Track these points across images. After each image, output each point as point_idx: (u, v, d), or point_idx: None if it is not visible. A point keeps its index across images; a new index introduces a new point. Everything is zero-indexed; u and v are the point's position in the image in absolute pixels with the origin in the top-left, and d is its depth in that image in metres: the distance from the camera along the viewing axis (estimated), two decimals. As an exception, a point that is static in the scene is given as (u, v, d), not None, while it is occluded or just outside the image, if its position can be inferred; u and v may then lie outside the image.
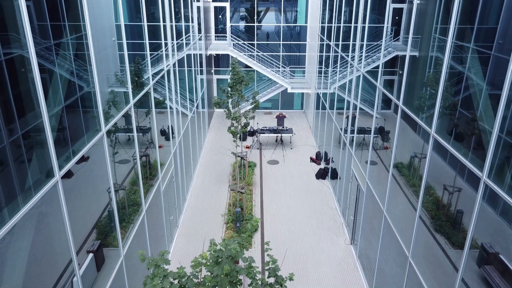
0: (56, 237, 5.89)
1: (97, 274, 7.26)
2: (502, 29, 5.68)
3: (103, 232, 7.66)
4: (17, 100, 4.96)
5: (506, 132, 5.30)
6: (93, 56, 6.79)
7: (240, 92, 14.31)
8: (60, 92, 5.96)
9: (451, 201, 7.08)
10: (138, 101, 9.52)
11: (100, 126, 7.16)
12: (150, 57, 10.61)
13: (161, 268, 4.68)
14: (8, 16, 4.79)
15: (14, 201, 4.76)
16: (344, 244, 13.38)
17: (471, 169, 6.02)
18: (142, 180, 9.72)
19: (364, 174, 11.77)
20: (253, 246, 13.12)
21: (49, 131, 5.28)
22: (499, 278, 5.56)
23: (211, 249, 4.48)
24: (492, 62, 5.87)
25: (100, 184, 7.58)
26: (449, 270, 6.78)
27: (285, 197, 16.25)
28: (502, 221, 5.62)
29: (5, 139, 4.67)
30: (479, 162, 5.85)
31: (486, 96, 5.90)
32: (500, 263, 5.63)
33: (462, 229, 6.48)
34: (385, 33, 10.24)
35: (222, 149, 20.42)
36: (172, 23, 13.37)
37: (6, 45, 4.75)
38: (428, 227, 7.66)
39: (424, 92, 8.06)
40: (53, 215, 5.71)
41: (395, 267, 9.42)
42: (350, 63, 13.72)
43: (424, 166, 7.71)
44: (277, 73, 24.72)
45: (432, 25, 7.87)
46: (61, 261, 6.03)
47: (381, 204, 10.16)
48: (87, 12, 6.55)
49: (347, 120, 13.80)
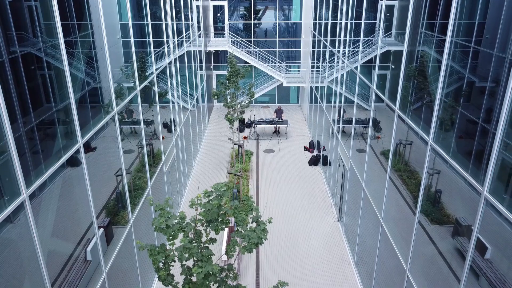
0: (81, 203, 7.15)
1: (107, 247, 8.31)
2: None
3: (112, 212, 8.78)
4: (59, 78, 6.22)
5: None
6: (106, 44, 8.05)
7: (236, 84, 15.59)
8: (83, 79, 7.23)
9: (406, 155, 8.28)
10: (142, 97, 10.62)
11: (112, 106, 8.42)
12: (153, 53, 11.85)
13: (165, 211, 5.91)
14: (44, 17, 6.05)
15: (49, 160, 6.01)
16: (332, 221, 14.61)
17: (421, 135, 7.24)
18: (147, 163, 10.96)
19: (348, 155, 12.99)
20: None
21: (75, 110, 6.55)
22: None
23: (205, 192, 5.72)
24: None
25: (111, 166, 8.82)
26: (409, 226, 7.98)
27: (279, 181, 17.49)
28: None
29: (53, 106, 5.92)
30: (426, 127, 7.06)
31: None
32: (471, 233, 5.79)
33: (416, 178, 7.68)
34: (363, 29, 11.43)
35: (220, 136, 21.71)
36: (173, 21, 14.62)
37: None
38: (398, 189, 8.77)
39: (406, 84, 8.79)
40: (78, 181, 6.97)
41: (371, 233, 10.64)
42: (340, 59, 14.91)
43: (391, 140, 8.93)
44: (273, 68, 25.95)
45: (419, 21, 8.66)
46: (84, 222, 7.29)
47: (360, 178, 11.39)
48: (102, 11, 7.80)
49: (337, 112, 14.99)
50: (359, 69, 11.84)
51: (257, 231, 5.87)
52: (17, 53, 5.45)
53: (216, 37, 26.56)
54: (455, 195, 6.62)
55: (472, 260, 5.69)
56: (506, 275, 5.09)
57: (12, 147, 4.95)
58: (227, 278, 6.19)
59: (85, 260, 7.23)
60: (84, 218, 7.37)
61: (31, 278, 5.65)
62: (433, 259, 7.13)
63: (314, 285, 11.62)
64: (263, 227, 6.15)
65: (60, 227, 6.59)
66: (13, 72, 5.24)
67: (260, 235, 5.75)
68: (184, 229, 5.95)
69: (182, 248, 5.59)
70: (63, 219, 6.74)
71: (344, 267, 12.36)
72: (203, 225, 5.84)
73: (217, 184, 5.66)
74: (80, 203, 7.20)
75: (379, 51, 10.03)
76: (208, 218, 5.61)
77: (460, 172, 6.02)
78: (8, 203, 4.97)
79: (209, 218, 5.60)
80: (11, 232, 5.20)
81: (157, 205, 5.91)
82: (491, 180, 5.25)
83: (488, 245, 5.46)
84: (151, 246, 5.92)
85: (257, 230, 5.90)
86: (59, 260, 6.46)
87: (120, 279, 8.99)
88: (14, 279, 5.33)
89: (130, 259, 9.69)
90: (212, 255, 5.76)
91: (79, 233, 7.19)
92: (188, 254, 5.53)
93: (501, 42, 5.30)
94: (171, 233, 5.81)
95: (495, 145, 5.08)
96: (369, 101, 10.95)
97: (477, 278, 5.71)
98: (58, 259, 6.46)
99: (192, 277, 6.05)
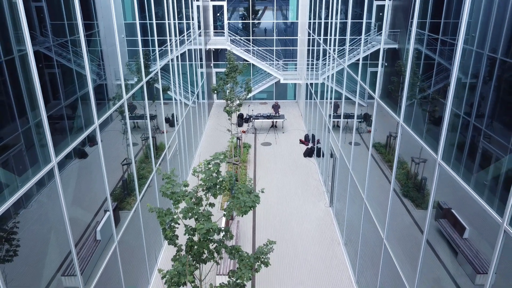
0: (96, 184, 8.17)
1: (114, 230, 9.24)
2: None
3: (119, 198, 9.72)
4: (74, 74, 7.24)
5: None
6: (117, 40, 9.07)
7: (234, 79, 16.64)
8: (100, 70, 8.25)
9: (393, 143, 9.28)
10: (146, 91, 11.68)
11: (122, 94, 9.44)
12: (154, 51, 12.87)
13: (171, 179, 6.91)
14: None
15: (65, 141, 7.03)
16: (324, 207, 15.63)
17: (392, 118, 8.24)
18: (150, 154, 11.98)
19: (337, 143, 14.01)
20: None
21: (93, 96, 7.58)
22: (450, 228, 6.58)
23: (205, 161, 6.73)
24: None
25: (119, 154, 9.84)
26: (386, 197, 8.97)
27: (275, 172, 18.50)
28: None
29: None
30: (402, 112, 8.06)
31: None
32: (452, 216, 6.46)
33: (391, 153, 8.68)
34: (347, 28, 12.45)
35: (220, 127, 22.79)
36: (175, 21, 15.64)
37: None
38: (377, 164, 9.77)
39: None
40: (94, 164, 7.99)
41: (357, 213, 11.64)
42: (332, 56, 15.92)
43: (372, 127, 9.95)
44: (271, 66, 26.99)
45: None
46: (99, 200, 8.31)
47: (348, 163, 12.41)
48: (114, 10, 8.82)
49: (330, 107, 15.99)
50: (346, 62, 12.86)
51: (251, 197, 6.87)
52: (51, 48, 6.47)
53: (216, 36, 27.61)
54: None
55: (451, 239, 6.36)
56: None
57: (45, 121, 5.96)
58: (224, 238, 7.20)
59: (95, 239, 8.25)
60: (99, 193, 8.38)
61: (57, 237, 6.66)
62: (406, 227, 8.13)
63: (306, 262, 12.62)
64: (257, 194, 7.15)
65: (79, 198, 7.60)
66: (46, 63, 6.27)
67: (253, 199, 6.75)
68: (187, 195, 6.96)
69: (186, 209, 6.60)
70: (83, 192, 7.75)
71: (334, 246, 13.37)
72: (203, 190, 6.85)
73: (215, 153, 6.68)
74: (97, 179, 8.21)
75: (381, 48, 11.05)
76: (208, 184, 6.62)
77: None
78: (42, 166, 5.99)
79: (209, 184, 6.61)
80: (43, 196, 6.21)
81: (164, 174, 6.92)
82: (443, 147, 6.27)
83: (466, 225, 6.02)
84: (159, 209, 6.93)
85: (251, 196, 6.90)
86: (81, 224, 7.48)
87: (130, 247, 10.02)
88: (44, 238, 6.35)
89: (137, 236, 10.71)
90: (211, 215, 6.77)
91: (94, 207, 8.21)
92: (191, 214, 6.53)
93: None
94: (176, 198, 6.82)
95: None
96: (355, 94, 11.98)
97: (456, 256, 6.43)
98: (80, 223, 7.47)
99: (194, 236, 7.06)
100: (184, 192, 7.00)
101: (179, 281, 6.49)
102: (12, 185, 5.40)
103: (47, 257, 6.41)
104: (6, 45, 5.38)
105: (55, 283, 6.52)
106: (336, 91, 14.75)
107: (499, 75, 5.25)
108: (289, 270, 12.28)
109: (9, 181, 5.41)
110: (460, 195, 5.87)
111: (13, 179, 5.49)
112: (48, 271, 6.41)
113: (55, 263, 6.57)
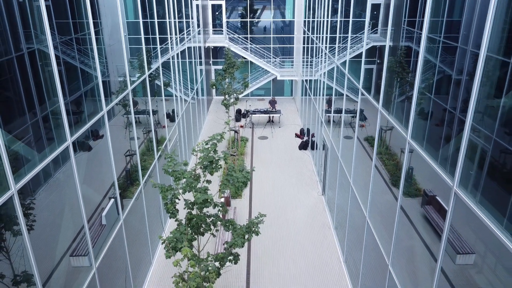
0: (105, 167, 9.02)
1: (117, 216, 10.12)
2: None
3: (122, 187, 10.53)
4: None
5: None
6: (123, 38, 9.92)
7: (232, 75, 17.51)
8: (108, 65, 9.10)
9: (383, 136, 10.11)
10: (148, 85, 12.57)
11: (127, 85, 10.31)
12: (153, 49, 13.73)
13: (173, 158, 7.77)
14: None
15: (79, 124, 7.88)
16: (316, 195, 16.49)
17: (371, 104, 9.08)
18: (155, 140, 12.84)
19: (329, 134, 14.86)
20: (242, 197, 16.24)
21: (101, 86, 8.44)
22: (435, 214, 7.02)
23: (203, 140, 7.60)
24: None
25: (122, 145, 10.69)
26: (367, 177, 9.82)
27: (271, 163, 19.36)
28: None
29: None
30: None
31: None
32: (437, 203, 6.81)
33: (371, 135, 9.52)
34: (340, 27, 13.28)
35: (218, 120, 23.67)
36: (175, 19, 16.49)
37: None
38: (366, 150, 10.59)
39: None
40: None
41: (345, 198, 12.50)
42: (326, 53, 16.78)
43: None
44: (268, 63, 27.85)
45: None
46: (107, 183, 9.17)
47: (337, 150, 13.27)
48: (120, 11, 9.67)
49: (324, 102, 16.85)
50: (336, 58, 13.71)
51: (244, 173, 7.73)
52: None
53: (214, 34, 28.46)
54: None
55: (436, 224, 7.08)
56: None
57: (62, 106, 6.81)
58: (220, 212, 8.06)
59: (101, 223, 9.09)
60: (107, 178, 9.23)
61: (72, 209, 7.52)
62: (386, 203, 8.98)
63: (298, 244, 13.48)
64: (248, 171, 8.01)
65: (90, 178, 8.45)
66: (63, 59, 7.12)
67: (245, 175, 7.61)
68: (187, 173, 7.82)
69: (186, 184, 7.47)
70: (92, 174, 8.60)
71: (325, 230, 14.23)
72: (201, 168, 7.71)
73: (213, 134, 7.54)
74: (104, 163, 9.07)
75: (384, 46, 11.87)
76: (206, 162, 7.48)
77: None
78: (57, 146, 6.84)
79: (206, 162, 7.47)
80: (62, 174, 7.06)
81: (166, 154, 7.78)
82: (412, 127, 7.12)
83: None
84: (162, 185, 7.79)
85: (244, 173, 7.76)
86: (92, 203, 8.34)
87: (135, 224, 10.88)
88: (60, 210, 7.21)
89: (140, 219, 11.57)
90: (208, 190, 7.63)
91: (102, 190, 9.07)
92: (190, 187, 7.39)
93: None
94: (177, 175, 7.68)
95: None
96: (343, 86, 12.83)
97: (439, 239, 7.08)
98: (91, 202, 8.33)
99: (193, 210, 7.92)
100: (184, 171, 7.86)
101: (176, 246, 7.35)
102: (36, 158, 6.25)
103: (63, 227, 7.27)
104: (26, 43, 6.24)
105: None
106: (330, 88, 15.59)
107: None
108: (282, 250, 13.14)
109: (30, 155, 6.26)
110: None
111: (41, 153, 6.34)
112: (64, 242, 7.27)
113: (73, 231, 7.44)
